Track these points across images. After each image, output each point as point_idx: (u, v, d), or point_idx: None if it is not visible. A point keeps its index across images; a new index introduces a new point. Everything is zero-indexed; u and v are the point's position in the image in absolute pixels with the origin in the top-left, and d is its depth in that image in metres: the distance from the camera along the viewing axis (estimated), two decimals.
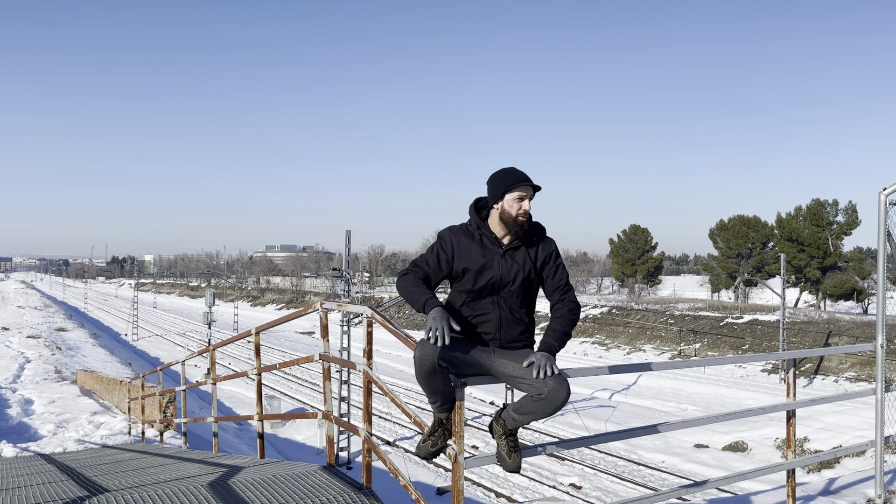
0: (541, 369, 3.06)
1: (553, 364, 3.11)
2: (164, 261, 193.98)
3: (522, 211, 3.25)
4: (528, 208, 3.27)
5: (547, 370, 3.07)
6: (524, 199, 3.25)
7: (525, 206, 3.26)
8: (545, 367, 3.07)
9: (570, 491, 21.13)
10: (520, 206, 3.25)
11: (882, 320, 4.97)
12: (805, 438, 23.75)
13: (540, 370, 3.06)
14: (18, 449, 11.95)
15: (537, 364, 3.08)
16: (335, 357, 5.12)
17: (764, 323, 44.30)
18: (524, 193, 3.25)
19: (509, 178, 3.26)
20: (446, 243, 3.34)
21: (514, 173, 3.29)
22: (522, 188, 3.24)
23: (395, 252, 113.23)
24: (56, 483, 5.73)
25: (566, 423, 27.95)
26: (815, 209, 54.11)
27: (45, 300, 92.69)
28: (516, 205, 3.26)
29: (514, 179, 3.25)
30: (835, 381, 34.92)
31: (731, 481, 4.78)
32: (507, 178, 3.26)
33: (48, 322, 55.68)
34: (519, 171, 3.31)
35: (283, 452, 24.00)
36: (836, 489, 5.48)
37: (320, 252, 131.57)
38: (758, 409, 4.82)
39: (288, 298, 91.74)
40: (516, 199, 3.25)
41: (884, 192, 4.75)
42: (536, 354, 3.14)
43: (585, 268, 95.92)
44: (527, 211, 3.26)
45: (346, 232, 27.56)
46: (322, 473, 4.83)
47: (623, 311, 53.71)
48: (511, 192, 3.25)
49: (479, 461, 3.56)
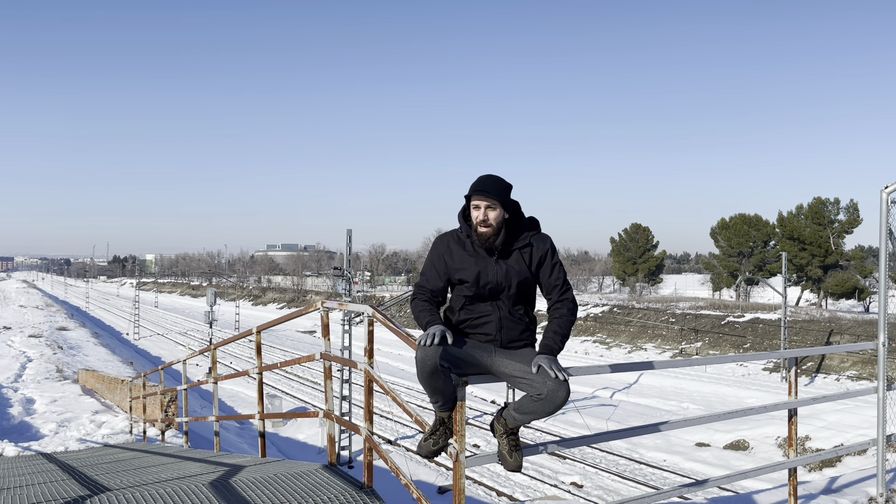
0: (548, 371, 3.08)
1: (558, 365, 3.12)
2: (166, 260, 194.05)
3: (480, 220, 3.23)
4: (486, 217, 3.22)
5: (556, 372, 3.07)
6: (480, 207, 3.23)
7: (479, 215, 3.23)
8: (551, 368, 3.09)
9: (571, 490, 21.13)
10: (476, 214, 3.24)
11: (883, 318, 4.97)
12: (806, 437, 23.74)
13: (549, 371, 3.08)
14: (20, 448, 11.97)
15: (545, 368, 3.09)
16: (336, 356, 5.12)
17: (765, 321, 44.27)
18: (478, 202, 3.23)
19: (470, 188, 3.26)
20: (438, 259, 3.34)
21: (475, 182, 3.27)
22: (476, 198, 3.23)
23: (396, 251, 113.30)
24: (58, 482, 5.73)
25: (567, 422, 27.94)
26: (817, 207, 54.04)
27: (47, 299, 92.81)
28: (474, 213, 3.25)
29: (471, 189, 3.25)
30: (836, 380, 34.88)
31: (733, 480, 4.78)
32: (470, 188, 3.27)
33: (50, 321, 55.74)
34: (478, 180, 3.27)
35: (285, 451, 24.02)
36: (837, 488, 5.47)
37: (321, 251, 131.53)
38: (759, 408, 4.81)
39: (289, 297, 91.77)
40: (474, 207, 3.25)
41: (885, 190, 4.74)
42: (541, 358, 3.13)
43: (586, 267, 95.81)
44: (484, 220, 3.22)
45: (348, 231, 27.56)
46: (323, 472, 4.83)
47: (624, 310, 53.68)
48: (471, 200, 3.26)
49: (480, 460, 3.56)
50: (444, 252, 3.33)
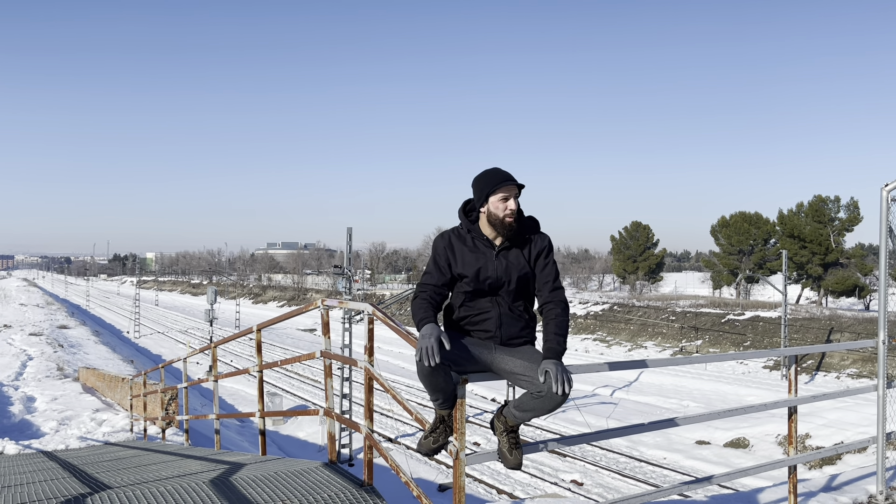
0: (558, 383, 3.02)
1: (567, 374, 3.08)
2: (166, 258, 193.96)
3: (509, 211, 3.20)
4: (515, 207, 3.21)
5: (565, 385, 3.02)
6: (508, 198, 3.20)
7: (511, 205, 3.20)
8: (562, 380, 3.03)
9: (571, 487, 21.14)
10: (505, 206, 3.21)
11: (884, 316, 4.96)
12: (806, 435, 23.74)
13: (557, 384, 3.02)
14: (21, 446, 11.96)
15: (553, 376, 3.03)
16: (336, 354, 5.12)
17: (765, 319, 44.26)
18: (507, 193, 3.20)
19: (491, 180, 3.21)
20: (440, 255, 3.32)
21: (495, 174, 3.24)
22: (505, 188, 3.19)
23: (396, 249, 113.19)
24: (58, 480, 5.74)
25: (567, 420, 27.95)
26: (817, 205, 54.01)
27: (47, 298, 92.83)
28: (501, 205, 3.21)
29: (497, 180, 3.20)
30: (836, 378, 34.89)
31: (733, 478, 4.78)
32: (490, 180, 3.22)
33: (50, 320, 55.76)
34: (500, 171, 3.25)
35: (285, 449, 24.03)
36: (837, 485, 5.47)
37: (322, 249, 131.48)
38: (759, 406, 4.81)
39: (289, 296, 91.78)
40: (500, 199, 3.20)
41: (885, 188, 4.74)
42: (549, 364, 3.07)
43: (587, 265, 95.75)
44: (513, 210, 3.21)
45: (348, 229, 27.56)
46: (324, 470, 4.84)
47: (624, 308, 53.67)
48: (494, 193, 3.21)
49: (480, 458, 3.56)
50: (447, 247, 3.32)
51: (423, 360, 2.96)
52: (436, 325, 3.11)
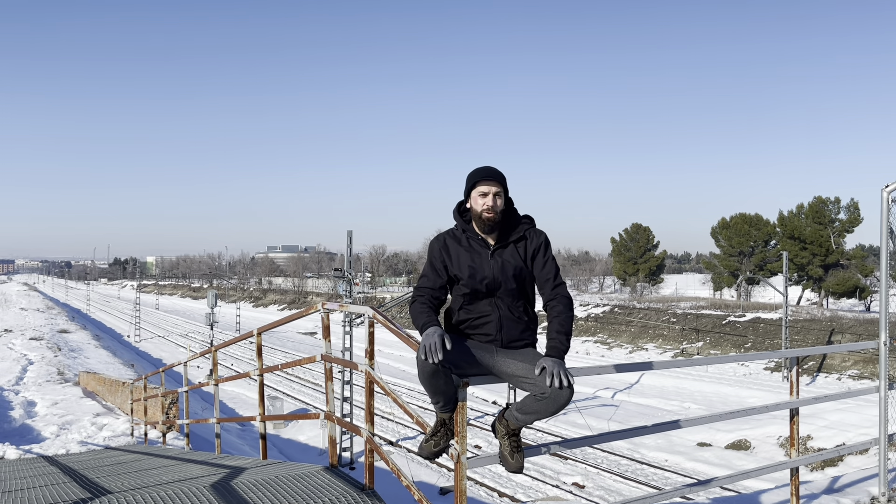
0: (554, 377, 2.99)
1: (565, 371, 3.05)
2: (166, 262, 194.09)
3: (486, 206, 3.23)
4: (493, 203, 3.23)
5: (562, 379, 3.00)
6: (487, 194, 3.23)
7: (488, 201, 3.23)
8: (558, 374, 3.00)
9: (573, 490, 21.12)
10: (483, 201, 3.23)
11: (885, 318, 4.96)
12: (808, 436, 23.72)
13: (553, 378, 2.99)
14: (21, 451, 11.97)
15: (549, 371, 3.01)
16: (337, 357, 5.11)
17: (766, 321, 44.24)
18: (486, 189, 3.23)
19: (473, 175, 3.27)
20: (436, 256, 3.34)
21: (477, 170, 3.29)
22: (484, 184, 3.23)
23: (396, 252, 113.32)
24: (59, 485, 5.74)
25: (569, 423, 27.93)
26: (817, 207, 54.02)
27: (48, 302, 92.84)
28: (480, 200, 3.24)
29: (477, 176, 3.26)
30: (838, 379, 34.86)
31: (735, 480, 4.77)
32: (472, 176, 3.28)
33: (51, 324, 55.78)
34: (482, 168, 3.29)
35: (286, 453, 24.01)
36: (839, 487, 5.46)
37: (322, 252, 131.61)
38: (761, 408, 4.80)
39: (290, 299, 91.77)
40: (480, 194, 3.24)
41: (886, 190, 4.74)
42: (547, 361, 3.06)
43: (587, 267, 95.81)
44: (491, 206, 3.23)
45: (348, 232, 27.57)
46: (325, 474, 4.83)
47: (625, 310, 53.66)
48: (474, 189, 3.26)
49: (481, 461, 3.55)
50: (442, 248, 3.34)
51: (425, 356, 2.96)
52: (439, 326, 3.11)
